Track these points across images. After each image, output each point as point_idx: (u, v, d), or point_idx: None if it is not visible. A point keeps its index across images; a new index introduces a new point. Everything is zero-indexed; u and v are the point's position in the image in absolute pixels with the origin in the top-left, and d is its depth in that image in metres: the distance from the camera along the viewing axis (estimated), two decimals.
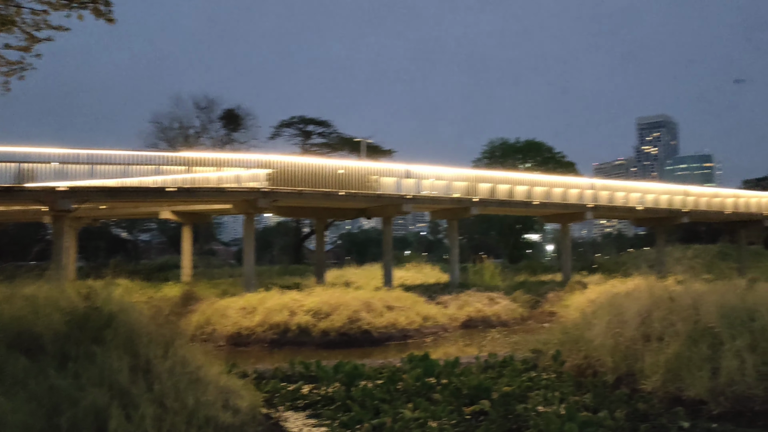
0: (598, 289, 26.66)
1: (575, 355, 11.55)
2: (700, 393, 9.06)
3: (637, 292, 12.61)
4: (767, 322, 9.69)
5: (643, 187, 39.02)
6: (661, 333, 10.55)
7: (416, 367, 10.79)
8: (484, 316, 25.69)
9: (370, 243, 77.40)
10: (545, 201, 33.01)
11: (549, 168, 53.95)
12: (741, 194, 43.22)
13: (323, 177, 26.70)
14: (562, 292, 29.33)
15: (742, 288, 11.43)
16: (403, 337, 21.96)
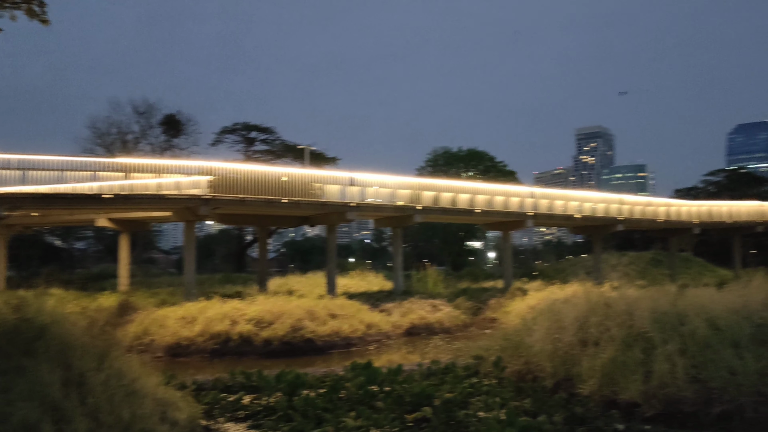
0: (538, 295, 27.23)
1: (516, 360, 11.76)
2: (634, 396, 9.35)
3: (575, 298, 12.95)
4: (696, 326, 10.08)
5: (581, 195, 40.08)
6: (598, 338, 10.84)
7: (359, 376, 10.77)
8: (428, 323, 25.87)
9: (314, 251, 77.01)
10: (487, 209, 33.53)
11: (491, 177, 54.83)
12: (672, 203, 44.86)
13: (266, 184, 26.42)
14: (504, 299, 29.81)
15: (673, 294, 11.87)
16: (346, 345, 21.89)
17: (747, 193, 64.19)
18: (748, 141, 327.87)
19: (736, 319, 10.26)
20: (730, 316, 10.37)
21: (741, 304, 11.00)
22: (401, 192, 30.70)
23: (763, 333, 10.00)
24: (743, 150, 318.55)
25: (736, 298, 11.44)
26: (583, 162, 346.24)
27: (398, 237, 33.77)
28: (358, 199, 28.85)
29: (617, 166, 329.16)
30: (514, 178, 61.31)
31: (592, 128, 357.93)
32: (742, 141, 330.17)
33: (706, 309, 10.68)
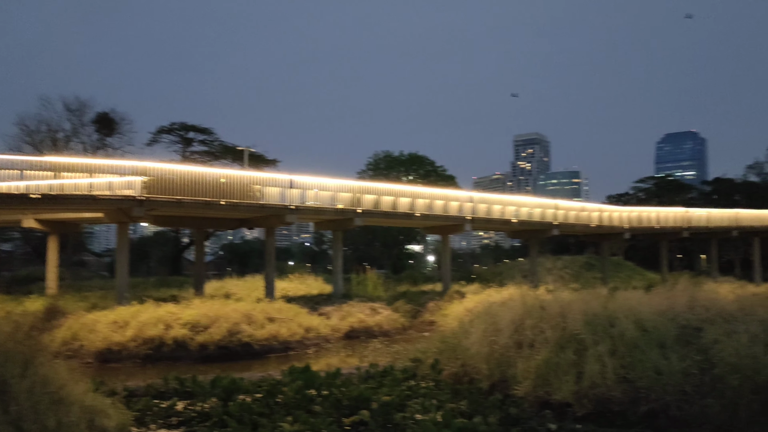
0: (475, 298, 27.63)
1: (453, 363, 11.89)
2: (566, 396, 9.59)
3: (512, 301, 13.18)
4: (625, 327, 10.42)
5: (518, 200, 40.97)
6: (533, 340, 11.07)
7: (297, 380, 10.67)
8: (367, 327, 25.89)
9: (253, 254, 75.94)
10: (427, 213, 33.84)
11: (431, 181, 55.45)
12: (604, 209, 46.33)
13: (204, 186, 25.92)
14: (442, 302, 30.13)
15: (604, 297, 12.24)
16: (285, 349, 21.68)
17: (674, 200, 66.94)
18: (675, 150, 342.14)
19: (662, 320, 10.66)
20: (656, 318, 10.76)
21: (667, 307, 11.44)
22: (342, 195, 30.65)
23: (687, 334, 10.42)
24: (671, 158, 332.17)
25: (663, 300, 11.90)
26: (520, 168, 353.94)
27: (338, 240, 33.70)
28: (298, 201, 28.65)
29: (553, 172, 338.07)
30: (454, 182, 62.16)
31: (530, 135, 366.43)
32: (669, 150, 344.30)
33: (634, 311, 11.05)
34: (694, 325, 10.69)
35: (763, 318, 11.01)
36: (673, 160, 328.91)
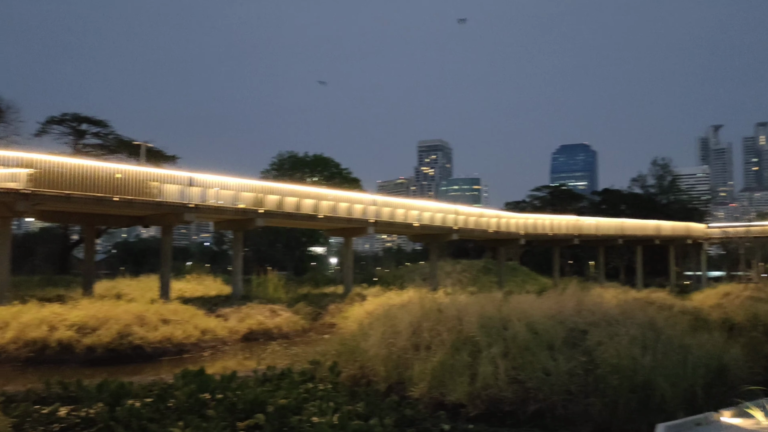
0: (376, 300, 27.82)
1: (351, 365, 11.92)
2: (460, 397, 9.83)
3: (411, 304, 13.40)
4: (517, 330, 10.82)
5: (421, 205, 41.67)
6: (430, 342, 11.29)
7: (190, 383, 10.32)
8: (266, 329, 25.49)
9: (149, 253, 73.03)
10: (330, 215, 33.78)
11: (336, 183, 55.48)
12: (502, 215, 47.97)
13: (97, 181, 24.68)
14: (343, 304, 30.14)
15: (499, 300, 12.67)
16: (179, 351, 20.98)
17: (566, 208, 70.25)
18: (569, 160, 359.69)
19: (552, 324, 11.14)
20: (547, 321, 11.24)
21: (557, 310, 11.99)
22: (245, 195, 30.06)
23: (574, 336, 10.95)
24: (565, 169, 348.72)
25: (553, 304, 12.45)
26: (424, 173, 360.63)
27: (239, 240, 33.04)
28: (199, 200, 27.84)
29: (455, 179, 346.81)
30: (359, 185, 62.47)
31: (433, 141, 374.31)
32: (564, 160, 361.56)
33: (527, 315, 11.50)
34: (581, 328, 11.25)
35: (642, 321, 11.75)
36: (567, 170, 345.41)
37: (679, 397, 8.68)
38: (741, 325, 17.45)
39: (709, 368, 9.21)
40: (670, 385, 8.81)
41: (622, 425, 8.54)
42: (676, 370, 9.14)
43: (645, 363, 9.18)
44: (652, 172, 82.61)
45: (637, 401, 8.65)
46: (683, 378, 8.92)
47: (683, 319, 14.58)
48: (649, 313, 12.94)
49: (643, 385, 8.78)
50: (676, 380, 8.90)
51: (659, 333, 11.25)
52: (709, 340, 10.92)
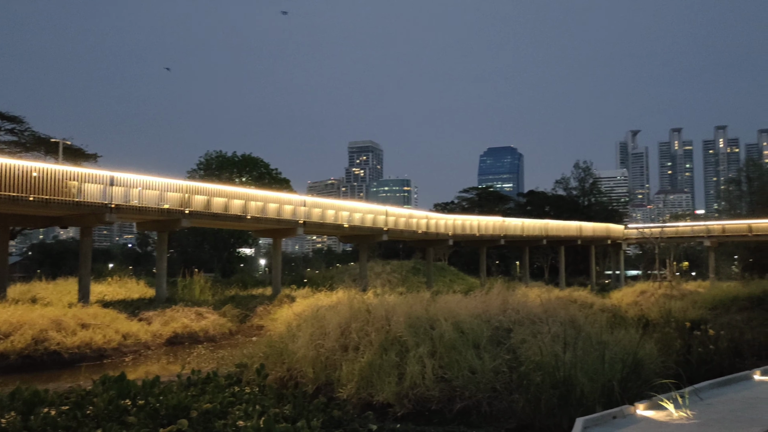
0: (305, 302, 27.62)
1: (279, 367, 11.79)
2: (388, 397, 9.87)
3: (340, 305, 13.36)
4: (445, 330, 10.95)
5: (351, 206, 41.65)
6: (358, 343, 11.29)
7: (109, 389, 9.95)
8: (192, 332, 24.89)
9: (68, 255, 70.10)
10: (259, 216, 33.31)
11: (265, 183, 54.75)
12: (431, 216, 48.53)
13: (11, 179, 23.47)
14: (272, 306, 29.78)
15: (427, 300, 12.79)
16: (99, 357, 20.22)
17: (493, 210, 71.84)
18: (496, 163, 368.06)
19: (478, 323, 11.35)
20: (473, 320, 11.44)
21: (483, 309, 12.22)
22: (171, 195, 29.24)
23: (499, 335, 11.19)
24: (492, 171, 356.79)
25: (479, 303, 12.68)
26: (354, 174, 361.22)
27: (163, 241, 32.13)
28: (122, 200, 26.89)
29: (385, 180, 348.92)
30: (289, 186, 61.89)
31: (364, 142, 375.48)
32: (491, 162, 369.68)
33: (453, 314, 11.67)
34: (506, 327, 11.51)
35: (564, 319, 12.13)
36: (495, 172, 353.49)
37: (597, 391, 8.98)
38: (655, 322, 18.24)
39: (626, 363, 9.57)
40: (589, 380, 9.11)
41: (544, 420, 8.77)
42: (594, 365, 9.45)
43: (566, 359, 9.45)
44: (574, 175, 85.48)
45: (559, 396, 8.90)
46: (601, 373, 9.23)
47: (602, 317, 15.10)
48: (570, 311, 13.35)
49: (564, 381, 9.04)
50: (595, 375, 9.21)
51: (580, 330, 11.63)
52: (626, 337, 11.35)
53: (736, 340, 16.26)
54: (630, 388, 9.26)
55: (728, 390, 9.85)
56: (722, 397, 9.27)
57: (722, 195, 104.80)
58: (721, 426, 7.48)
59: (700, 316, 21.63)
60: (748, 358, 15.06)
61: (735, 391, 9.72)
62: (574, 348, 9.95)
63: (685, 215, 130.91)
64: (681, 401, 8.33)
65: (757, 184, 74.67)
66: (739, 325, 19.11)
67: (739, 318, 21.23)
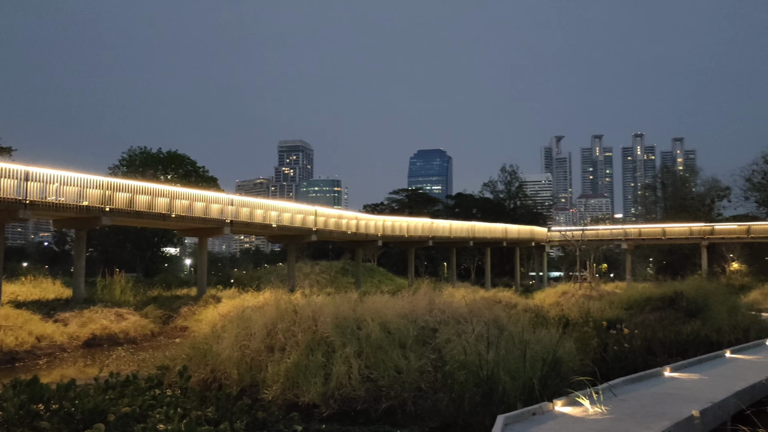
0: (231, 303, 27.16)
1: (203, 369, 11.56)
2: (314, 398, 9.84)
3: (266, 305, 13.23)
4: (371, 330, 11.01)
5: (280, 206, 41.18)
6: (284, 344, 11.21)
7: (21, 393, 9.49)
8: (111, 334, 24.04)
9: None
10: (184, 214, 32.48)
11: (191, 181, 53.44)
12: (361, 217, 48.61)
13: None
14: (197, 307, 29.13)
15: (354, 300, 12.81)
16: (10, 360, 19.24)
17: (422, 211, 72.64)
18: (425, 165, 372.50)
19: (404, 323, 11.46)
20: (399, 320, 11.54)
21: (409, 310, 12.34)
22: (91, 192, 28.12)
23: (425, 334, 11.34)
24: (422, 173, 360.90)
25: (406, 304, 12.80)
26: (284, 173, 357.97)
27: (81, 240, 30.91)
28: (38, 196, 25.67)
29: (315, 180, 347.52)
30: (216, 184, 60.69)
31: (294, 142, 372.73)
32: (421, 165, 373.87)
33: (380, 314, 11.73)
34: (432, 327, 11.68)
35: (488, 319, 12.40)
36: (424, 174, 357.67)
37: (518, 389, 9.23)
38: (575, 321, 18.89)
39: (546, 362, 9.87)
40: (511, 378, 9.35)
41: (467, 418, 8.94)
42: (516, 364, 9.71)
43: (489, 358, 9.67)
44: (501, 178, 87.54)
45: (482, 395, 9.09)
46: (523, 371, 9.50)
47: (525, 317, 15.51)
48: (494, 311, 13.66)
49: (487, 380, 9.24)
50: (517, 374, 9.47)
51: (503, 330, 11.93)
52: (547, 336, 11.71)
53: (649, 338, 17.08)
54: (549, 385, 9.56)
55: (640, 386, 10.31)
56: (635, 392, 9.70)
57: (639, 200, 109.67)
58: (632, 420, 7.82)
59: (616, 315, 22.55)
60: (659, 356, 15.81)
61: (647, 387, 10.19)
62: (497, 347, 10.19)
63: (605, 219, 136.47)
64: (596, 397, 8.66)
65: (671, 190, 78.62)
66: (652, 324, 20.05)
67: (653, 317, 22.20)
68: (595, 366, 10.74)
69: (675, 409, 8.26)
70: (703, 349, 16.56)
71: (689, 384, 10.56)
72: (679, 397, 9.27)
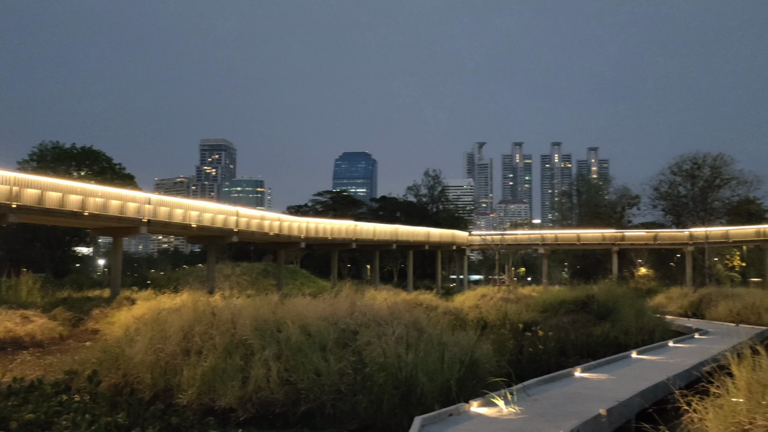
0: (147, 305, 26.22)
1: (114, 374, 11.16)
2: (231, 402, 9.67)
3: (183, 308, 12.89)
4: (291, 332, 10.93)
5: (201, 205, 40.23)
6: (201, 347, 10.96)
7: None
8: (16, 337, 22.75)
9: None
10: (98, 213, 31.21)
11: (107, 179, 51.37)
12: (284, 218, 48.09)
13: None
14: (110, 309, 27.99)
15: (275, 303, 12.68)
16: None
17: (347, 214, 72.66)
18: (350, 167, 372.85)
19: (325, 325, 11.44)
20: (320, 322, 11.51)
21: (330, 312, 12.33)
22: None
23: (346, 337, 11.35)
24: (347, 175, 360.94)
25: (328, 306, 12.79)
26: (206, 172, 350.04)
27: None
28: None
29: (238, 180, 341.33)
30: (134, 182, 58.64)
31: (217, 140, 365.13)
32: (346, 167, 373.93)
33: (301, 316, 11.67)
34: (352, 329, 11.70)
35: (408, 321, 12.54)
36: (349, 176, 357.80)
37: (436, 390, 9.37)
38: (493, 324, 19.37)
39: (463, 363, 10.07)
40: (429, 380, 9.48)
41: (385, 420, 9.00)
42: (435, 366, 9.86)
43: (408, 360, 9.78)
44: (425, 182, 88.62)
45: (400, 397, 9.18)
46: (441, 373, 9.65)
47: (445, 319, 15.81)
48: (415, 313, 13.84)
49: (406, 381, 9.34)
50: (435, 375, 9.61)
51: (422, 332, 12.09)
52: (465, 338, 11.96)
53: (563, 340, 17.74)
54: (467, 386, 9.76)
55: (553, 386, 10.67)
56: (547, 392, 10.03)
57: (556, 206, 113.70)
58: (543, 419, 8.08)
59: (532, 318, 23.28)
60: (571, 357, 16.45)
61: (558, 387, 10.56)
62: (417, 349, 10.31)
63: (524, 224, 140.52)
64: (510, 398, 8.90)
65: (586, 198, 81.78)
66: (565, 327, 20.83)
67: (566, 320, 23.06)
68: (510, 367, 11.02)
69: (584, 408, 8.59)
70: (612, 350, 17.33)
71: (598, 384, 11.01)
72: (588, 396, 9.65)
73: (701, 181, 65.58)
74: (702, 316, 30.64)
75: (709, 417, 6.18)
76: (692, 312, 32.23)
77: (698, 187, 65.79)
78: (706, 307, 31.60)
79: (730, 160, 64.91)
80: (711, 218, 62.98)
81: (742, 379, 6.32)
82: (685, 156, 66.76)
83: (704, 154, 65.99)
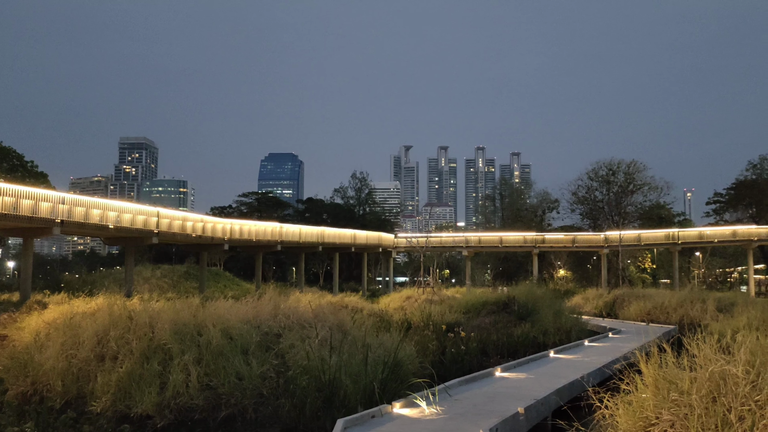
0: (59, 309, 25.02)
1: (22, 381, 10.65)
2: (147, 408, 9.37)
3: (99, 312, 12.42)
4: (212, 336, 10.69)
5: (120, 205, 38.78)
6: (117, 352, 10.59)
7: None
8: None
9: None
10: (7, 212, 29.61)
11: (18, 177, 48.86)
12: (207, 220, 46.97)
13: None
14: (19, 314, 26.58)
15: (196, 306, 12.38)
16: None
17: (272, 215, 71.80)
18: (276, 168, 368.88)
19: (247, 328, 11.26)
20: (242, 325, 11.32)
21: (253, 315, 12.15)
22: None
23: (269, 340, 11.20)
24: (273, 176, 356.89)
25: (250, 309, 12.59)
26: (125, 172, 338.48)
27: None
28: None
29: (160, 180, 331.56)
30: (46, 180, 56.07)
31: (137, 139, 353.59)
32: (272, 168, 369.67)
33: (223, 320, 11.44)
34: (276, 332, 11.56)
35: (332, 324, 12.50)
36: (275, 178, 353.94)
37: (360, 392, 9.38)
38: (417, 325, 19.55)
39: (387, 365, 10.11)
40: (352, 382, 9.48)
41: (308, 423, 8.94)
42: (358, 368, 9.86)
43: (332, 363, 9.74)
44: (352, 185, 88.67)
45: (323, 399, 9.13)
46: (364, 375, 9.66)
47: (370, 321, 15.85)
48: (339, 316, 13.81)
49: (329, 384, 9.30)
50: (358, 377, 9.61)
51: (347, 334, 12.08)
52: (389, 340, 12.02)
53: (484, 340, 18.11)
54: (390, 388, 9.81)
55: (474, 386, 10.88)
56: (468, 392, 10.22)
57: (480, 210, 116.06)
58: (464, 419, 8.23)
59: (455, 319, 23.64)
60: (492, 357, 16.82)
61: (479, 387, 10.77)
62: (340, 351, 10.29)
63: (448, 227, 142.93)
64: (432, 398, 9.01)
65: (508, 201, 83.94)
66: (487, 327, 21.27)
67: (488, 321, 23.54)
68: (433, 368, 11.16)
69: (503, 407, 8.80)
70: (532, 349, 17.84)
71: (517, 383, 11.30)
72: (508, 395, 9.89)
73: (616, 187, 68.39)
74: (616, 316, 31.99)
75: (620, 413, 6.45)
76: (607, 312, 33.60)
77: (613, 193, 68.59)
78: (619, 307, 33.02)
79: (642, 167, 68.03)
80: (625, 222, 65.78)
81: (650, 375, 6.63)
82: (601, 162, 69.47)
83: (619, 161, 68.86)
